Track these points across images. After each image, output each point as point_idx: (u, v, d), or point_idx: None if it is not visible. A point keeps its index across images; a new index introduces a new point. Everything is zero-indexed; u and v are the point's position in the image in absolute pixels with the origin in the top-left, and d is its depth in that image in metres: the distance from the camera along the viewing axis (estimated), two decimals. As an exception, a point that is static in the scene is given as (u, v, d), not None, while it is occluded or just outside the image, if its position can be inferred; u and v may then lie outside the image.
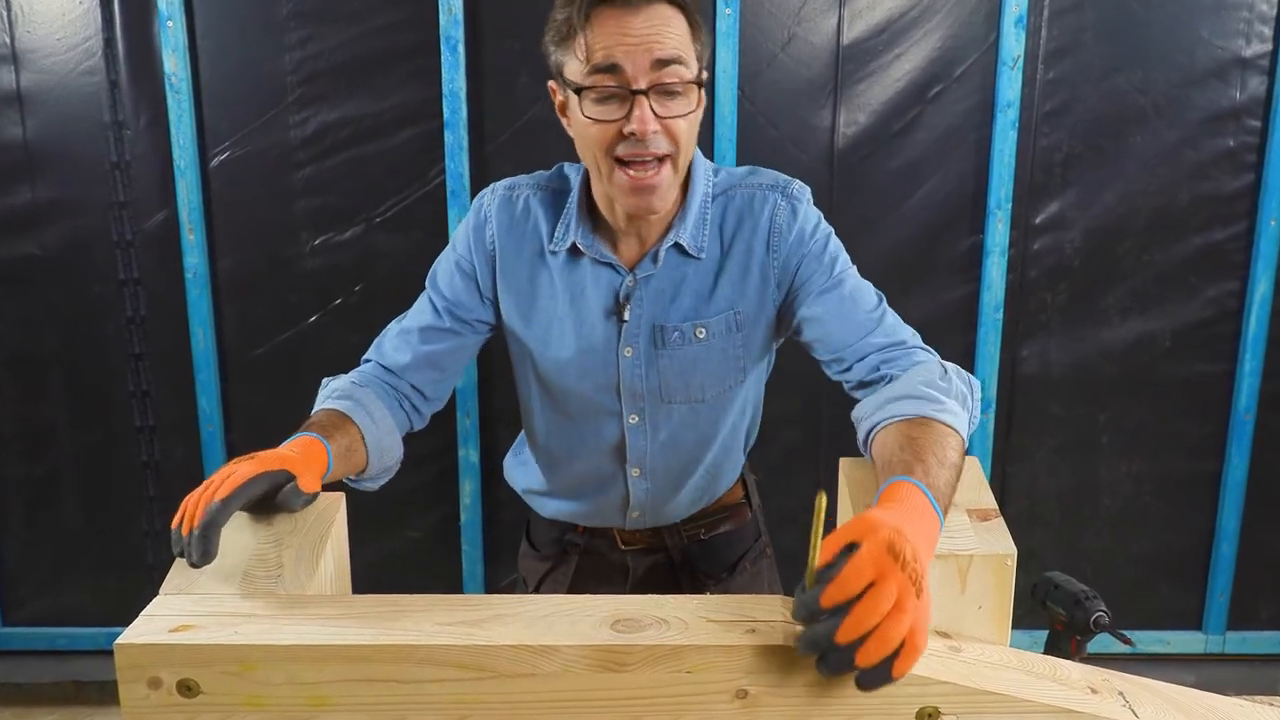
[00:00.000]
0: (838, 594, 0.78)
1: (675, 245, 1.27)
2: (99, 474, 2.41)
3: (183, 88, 2.16)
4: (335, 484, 1.16)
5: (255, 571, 0.95)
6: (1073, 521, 2.46)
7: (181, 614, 0.87)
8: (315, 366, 1.34)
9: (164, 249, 2.26)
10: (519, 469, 1.53)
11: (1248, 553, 2.46)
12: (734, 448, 1.44)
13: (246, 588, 0.92)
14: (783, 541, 1.67)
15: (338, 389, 1.25)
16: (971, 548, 0.93)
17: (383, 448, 1.24)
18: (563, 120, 1.24)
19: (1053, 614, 1.29)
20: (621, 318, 1.29)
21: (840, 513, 1.13)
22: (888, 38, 2.19)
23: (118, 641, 0.82)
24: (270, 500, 1.02)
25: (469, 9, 2.14)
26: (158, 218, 2.26)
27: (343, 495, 1.10)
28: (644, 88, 1.13)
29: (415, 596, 0.90)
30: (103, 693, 2.44)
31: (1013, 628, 0.95)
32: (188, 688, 0.82)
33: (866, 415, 1.13)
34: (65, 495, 2.42)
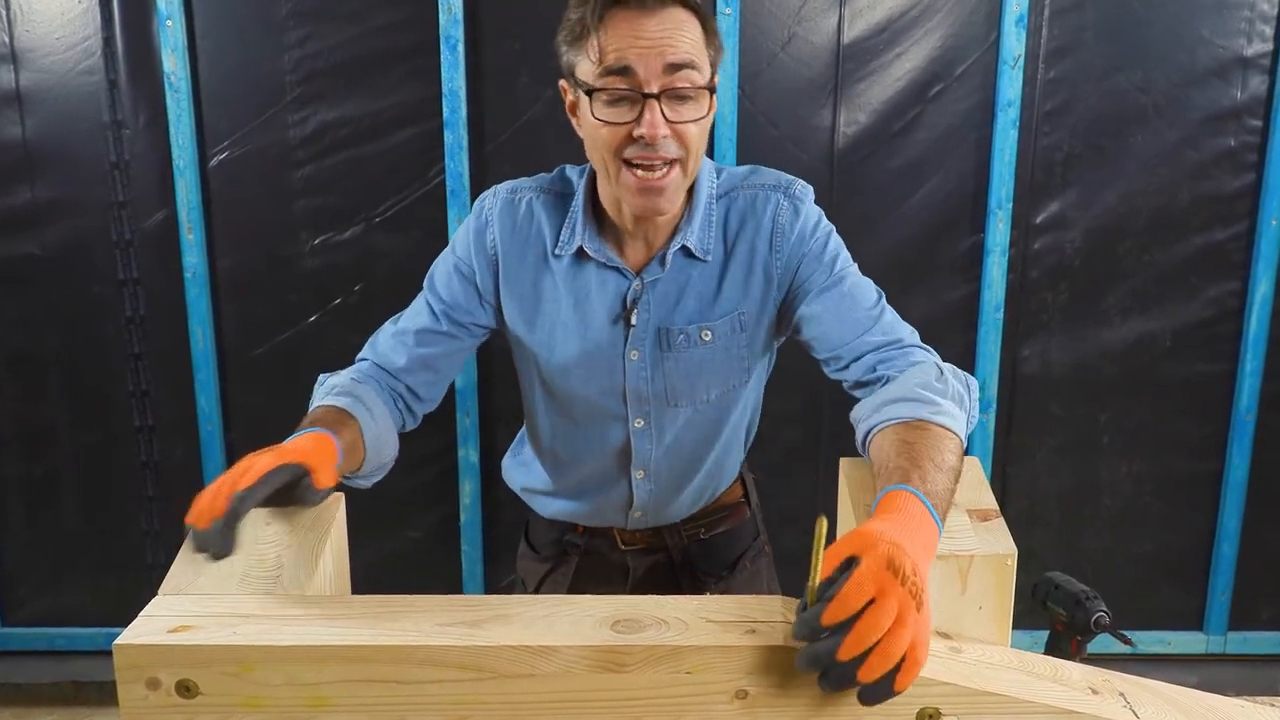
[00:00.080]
0: (839, 611, 0.78)
1: (682, 248, 1.27)
2: (99, 474, 2.41)
3: (182, 87, 2.15)
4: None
5: (254, 572, 0.94)
6: (1073, 522, 2.46)
7: (180, 614, 0.87)
8: (315, 366, 1.34)
9: (163, 248, 2.26)
10: (518, 469, 1.52)
11: (1248, 553, 2.46)
12: (735, 446, 1.44)
13: (245, 588, 0.92)
14: (782, 541, 1.67)
15: (337, 385, 1.25)
16: (972, 548, 0.93)
17: (381, 445, 1.24)
18: (572, 120, 1.23)
19: (1053, 614, 1.29)
20: (629, 322, 1.28)
21: (840, 513, 1.13)
22: (888, 37, 2.18)
23: (116, 642, 0.82)
24: (288, 494, 1.02)
25: (469, 9, 2.14)
26: (157, 217, 2.26)
27: (342, 495, 1.10)
28: (655, 91, 1.12)
29: (415, 597, 0.90)
30: (102, 693, 2.44)
31: (1013, 628, 0.94)
32: (186, 688, 0.82)
33: (864, 417, 1.13)
34: (65, 495, 2.42)
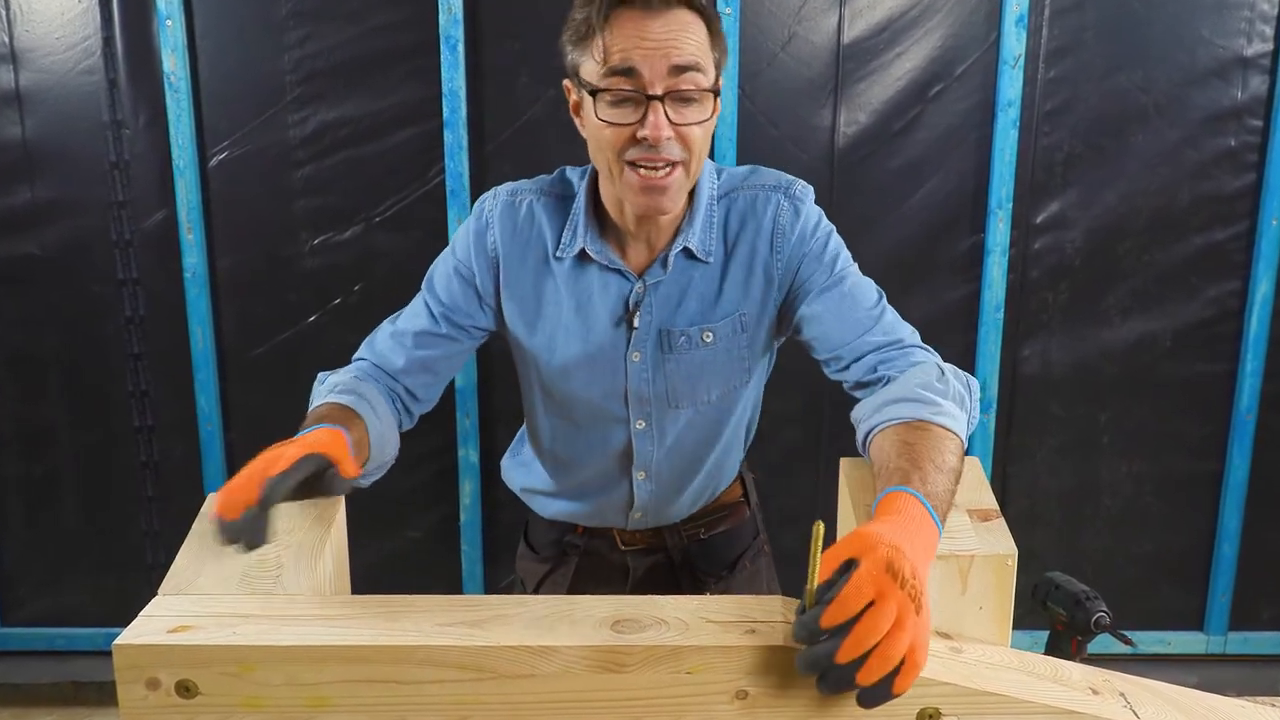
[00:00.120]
0: (838, 614, 0.78)
1: (684, 250, 1.26)
2: (98, 474, 2.41)
3: (182, 87, 2.15)
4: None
5: (254, 572, 0.94)
6: (1073, 522, 2.46)
7: (180, 614, 0.86)
8: (314, 366, 1.33)
9: (163, 248, 2.26)
10: (518, 469, 1.52)
11: (1249, 553, 2.45)
12: (735, 446, 1.44)
13: (245, 588, 0.92)
14: (783, 541, 1.67)
15: (341, 384, 1.24)
16: (972, 548, 0.93)
17: (384, 444, 1.24)
18: (575, 120, 1.23)
19: (1053, 614, 1.29)
20: (631, 324, 1.28)
21: (841, 513, 1.13)
22: (888, 37, 2.18)
23: (116, 642, 0.82)
24: (315, 484, 1.01)
25: (469, 8, 2.14)
26: (157, 217, 2.26)
27: (342, 495, 1.10)
28: (660, 93, 1.12)
29: (415, 597, 0.90)
30: (101, 693, 2.44)
31: (1013, 628, 0.94)
32: (186, 689, 0.82)
33: (864, 417, 1.13)
34: (64, 495, 2.42)
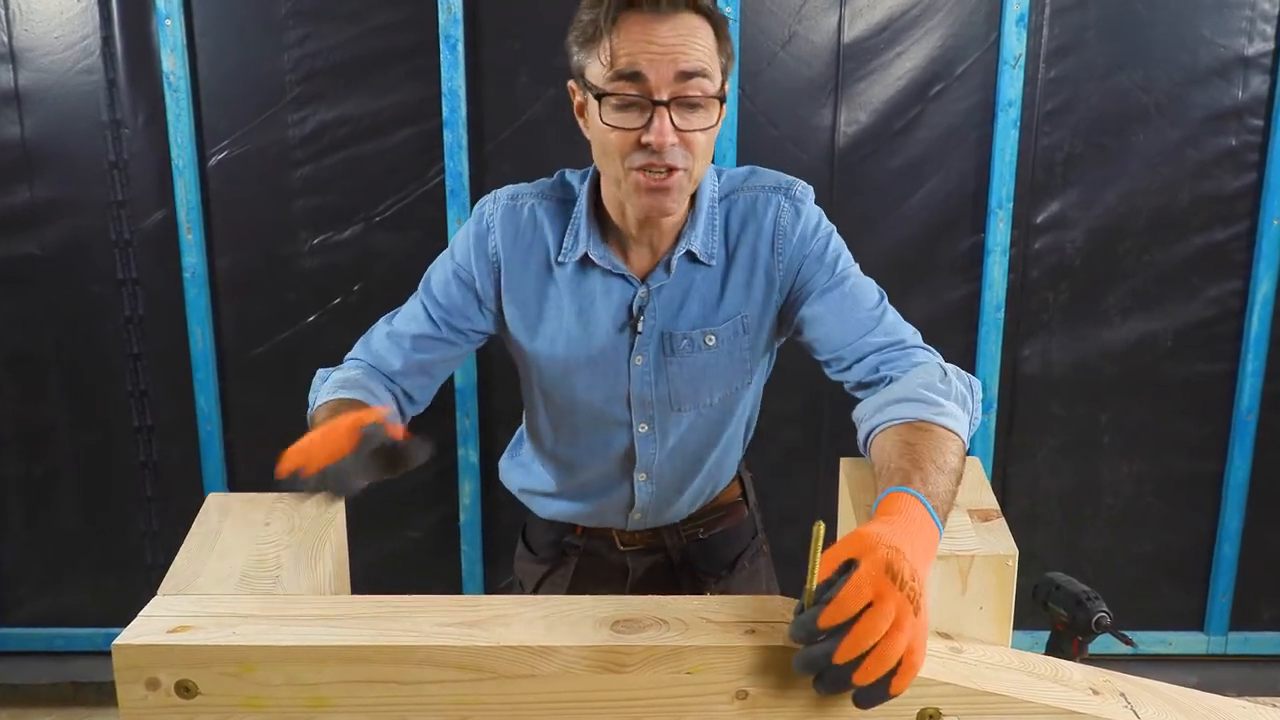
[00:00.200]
0: (836, 615, 0.78)
1: (686, 253, 1.26)
2: (98, 474, 2.40)
3: (181, 86, 2.15)
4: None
5: (254, 572, 0.94)
6: (1074, 522, 2.46)
7: (180, 614, 0.86)
8: (313, 366, 1.33)
9: (162, 248, 2.26)
10: (517, 470, 1.52)
11: (1250, 553, 2.45)
12: (735, 445, 1.44)
13: (245, 588, 0.92)
14: (782, 541, 1.67)
15: (347, 380, 1.24)
16: (973, 548, 0.93)
17: None
18: (580, 121, 1.22)
19: (1054, 615, 1.29)
20: (635, 329, 1.28)
21: (841, 513, 1.13)
22: (889, 36, 2.18)
23: (115, 642, 0.82)
24: (391, 452, 1.02)
25: (469, 8, 2.14)
26: (156, 217, 2.25)
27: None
28: (665, 99, 1.11)
29: (415, 597, 0.89)
30: (101, 694, 2.44)
31: (1014, 628, 0.94)
32: (186, 689, 0.82)
33: (866, 417, 1.12)
34: (64, 495, 2.41)
